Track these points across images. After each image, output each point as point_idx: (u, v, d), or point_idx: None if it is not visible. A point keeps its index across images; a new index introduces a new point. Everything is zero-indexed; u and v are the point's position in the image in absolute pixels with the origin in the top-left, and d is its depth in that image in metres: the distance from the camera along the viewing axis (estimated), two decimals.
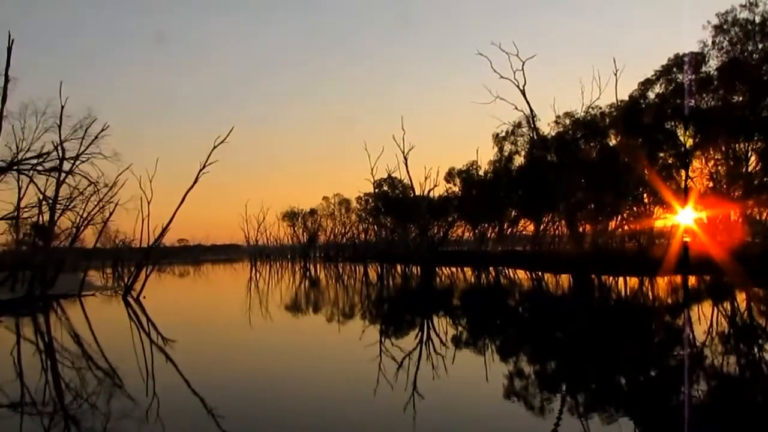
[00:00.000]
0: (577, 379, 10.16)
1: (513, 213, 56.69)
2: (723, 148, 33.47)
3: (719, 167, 36.39)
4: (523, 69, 42.15)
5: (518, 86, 42.27)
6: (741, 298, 22.17)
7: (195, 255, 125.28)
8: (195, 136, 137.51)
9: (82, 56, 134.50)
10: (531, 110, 43.55)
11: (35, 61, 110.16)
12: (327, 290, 34.38)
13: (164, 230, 27.31)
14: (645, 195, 40.23)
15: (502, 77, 42.30)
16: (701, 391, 8.98)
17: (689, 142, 35.59)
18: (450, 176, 61.55)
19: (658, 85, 37.52)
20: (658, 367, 11.03)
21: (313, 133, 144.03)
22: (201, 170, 27.12)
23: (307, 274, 57.23)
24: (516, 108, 43.64)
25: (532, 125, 44.00)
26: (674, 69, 36.20)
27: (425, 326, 17.20)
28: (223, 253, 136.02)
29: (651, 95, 37.15)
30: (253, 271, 66.57)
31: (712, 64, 33.26)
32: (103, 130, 27.62)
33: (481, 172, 57.93)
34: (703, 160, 36.44)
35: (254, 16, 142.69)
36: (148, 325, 19.02)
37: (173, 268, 79.46)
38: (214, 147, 27.27)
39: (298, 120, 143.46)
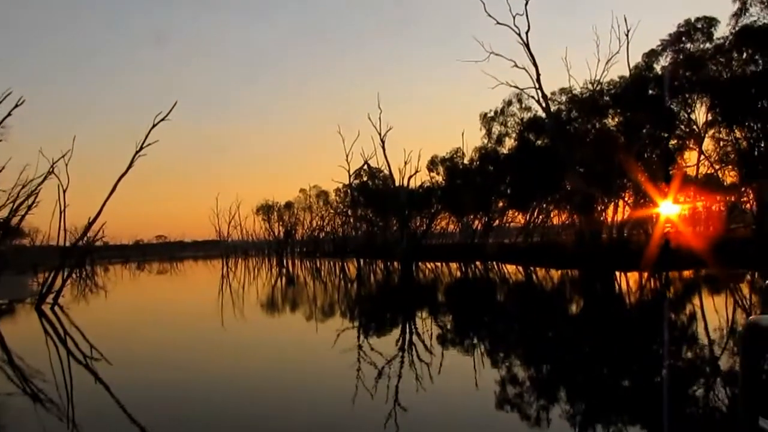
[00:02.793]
0: None
1: (500, 204, 52.64)
2: (748, 124, 29.35)
3: (732, 146, 32.47)
4: (526, 11, 34.48)
5: (519, 34, 34.66)
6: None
7: (172, 252, 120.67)
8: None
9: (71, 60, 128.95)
10: (535, 65, 34.99)
11: None
12: (303, 291, 30.10)
13: (90, 224, 22.72)
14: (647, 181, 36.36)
15: (498, 23, 35.11)
16: None
17: (702, 119, 31.78)
18: (433, 164, 57.31)
19: (664, 57, 33.71)
20: None
21: (290, 123, 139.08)
22: (137, 152, 22.61)
23: (283, 271, 52.94)
24: (516, 65, 35.80)
25: (537, 86, 35.47)
26: (683, 38, 32.28)
27: (400, 337, 13.09)
28: (202, 250, 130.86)
29: (657, 68, 33.24)
30: (225, 268, 62.12)
31: (754, 12, 28.48)
32: (17, 105, 23.12)
33: (466, 160, 53.88)
34: (719, 137, 32.34)
35: (229, 11, 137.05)
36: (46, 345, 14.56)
37: (150, 265, 75.26)
38: (154, 125, 22.78)
39: (275, 110, 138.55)
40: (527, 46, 34.84)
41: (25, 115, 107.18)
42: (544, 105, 36.11)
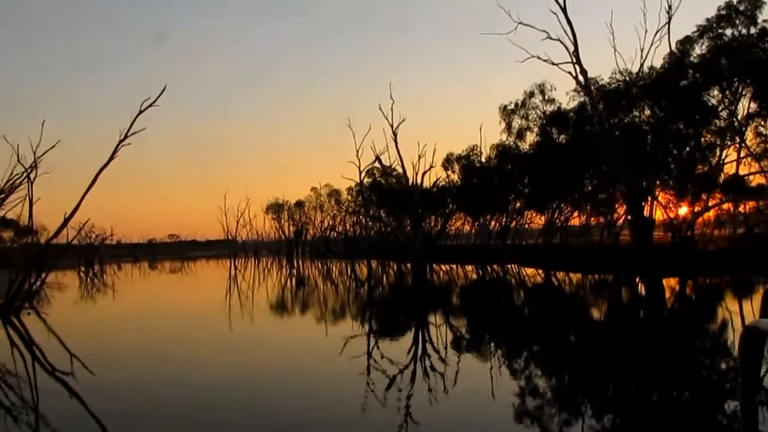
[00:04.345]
0: None
1: (518, 204, 49.98)
2: None
3: None
4: None
5: None
6: None
7: (183, 251, 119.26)
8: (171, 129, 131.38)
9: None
10: (573, 34, 30.33)
11: None
12: (313, 293, 27.99)
13: (66, 220, 20.52)
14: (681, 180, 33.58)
15: None
16: None
17: (743, 111, 29.08)
18: (448, 162, 54.84)
19: (699, 45, 31.00)
20: None
21: (302, 121, 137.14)
22: (121, 141, 20.46)
23: (293, 272, 50.80)
24: (549, 36, 30.99)
25: (574, 60, 30.89)
26: (722, 23, 29.63)
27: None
28: (214, 249, 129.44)
29: (693, 56, 30.55)
30: (234, 269, 60.06)
31: None
32: None
33: (483, 158, 51.34)
34: (762, 130, 29.61)
35: (235, 7, 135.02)
36: None
37: (162, 264, 73.68)
38: (141, 111, 20.60)
39: (287, 107, 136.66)
40: (564, 10, 30.45)
41: (29, 114, 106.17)
42: (582, 82, 32.05)
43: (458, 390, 8.43)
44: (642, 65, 32.10)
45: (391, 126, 53.09)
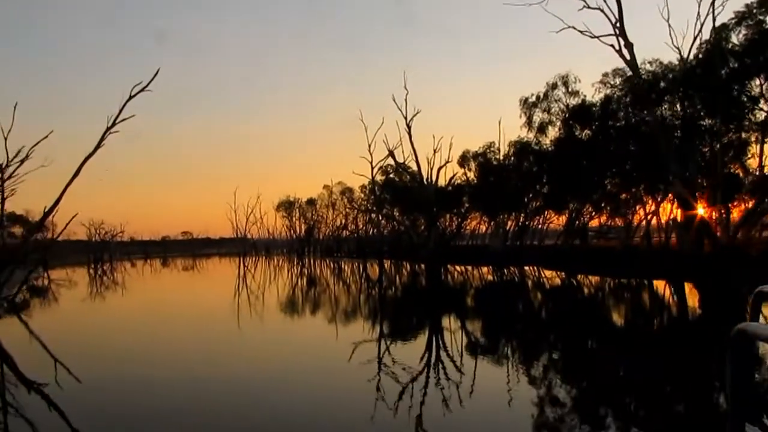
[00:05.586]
0: None
1: (537, 203, 48.00)
2: None
3: None
4: None
5: None
6: None
7: (194, 248, 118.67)
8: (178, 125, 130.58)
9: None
10: (618, 2, 28.07)
11: None
12: (324, 294, 26.45)
13: (47, 214, 19.11)
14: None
15: None
16: None
17: None
18: (464, 160, 52.99)
19: (736, 34, 28.93)
20: None
21: (314, 116, 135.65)
22: (109, 129, 19.08)
23: (303, 271, 49.37)
24: (587, 5, 28.49)
25: (617, 32, 28.22)
26: (763, 8, 27.58)
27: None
28: (226, 247, 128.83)
29: (733, 42, 28.50)
30: (243, 268, 58.70)
31: None
32: None
33: (500, 156, 49.41)
34: None
35: (245, 2, 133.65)
36: None
37: (174, 262, 73.32)
38: (131, 97, 19.21)
39: (298, 103, 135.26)
40: None
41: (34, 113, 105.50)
42: (628, 57, 29.42)
43: (474, 401, 7.78)
44: (696, 37, 29.78)
45: (405, 118, 51.54)
